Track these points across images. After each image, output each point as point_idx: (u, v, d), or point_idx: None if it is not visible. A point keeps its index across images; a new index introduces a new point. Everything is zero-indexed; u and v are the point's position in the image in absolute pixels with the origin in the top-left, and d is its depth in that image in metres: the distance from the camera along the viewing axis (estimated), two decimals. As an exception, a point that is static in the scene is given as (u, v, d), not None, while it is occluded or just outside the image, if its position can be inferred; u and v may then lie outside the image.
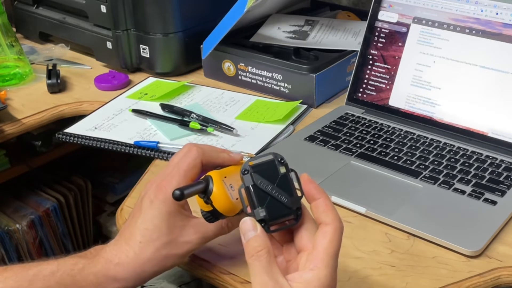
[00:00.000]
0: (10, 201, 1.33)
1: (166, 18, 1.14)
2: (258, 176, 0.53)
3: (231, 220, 0.64)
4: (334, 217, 0.53)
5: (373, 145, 0.91)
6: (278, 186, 0.53)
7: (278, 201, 0.52)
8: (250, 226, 0.52)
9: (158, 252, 0.62)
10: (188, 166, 0.62)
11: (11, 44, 1.18)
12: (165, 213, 0.62)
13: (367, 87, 1.01)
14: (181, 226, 0.62)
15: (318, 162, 0.88)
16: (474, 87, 0.92)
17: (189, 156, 0.63)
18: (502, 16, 0.90)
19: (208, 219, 0.61)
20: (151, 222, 0.62)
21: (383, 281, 0.67)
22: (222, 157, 0.64)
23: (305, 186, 0.54)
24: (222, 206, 0.59)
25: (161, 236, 0.62)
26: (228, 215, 0.60)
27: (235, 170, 0.62)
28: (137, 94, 1.11)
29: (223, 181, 0.59)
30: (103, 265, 0.62)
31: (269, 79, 1.09)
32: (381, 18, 1.00)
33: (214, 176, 0.60)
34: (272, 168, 0.54)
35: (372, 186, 0.83)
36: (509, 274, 0.68)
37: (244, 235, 0.52)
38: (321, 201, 0.53)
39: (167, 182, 0.62)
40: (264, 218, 0.52)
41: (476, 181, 0.82)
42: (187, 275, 1.23)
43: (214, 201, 0.59)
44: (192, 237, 0.63)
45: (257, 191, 0.53)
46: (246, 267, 0.69)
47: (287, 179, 0.54)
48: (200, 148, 0.63)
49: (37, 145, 1.29)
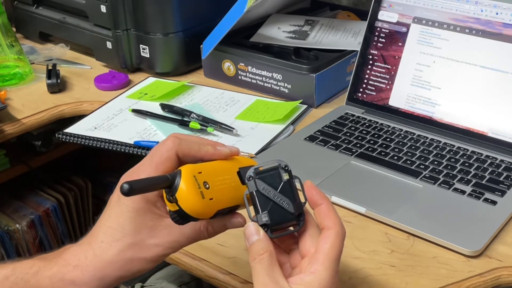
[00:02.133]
0: (10, 201, 1.33)
1: (166, 18, 1.14)
2: (262, 182, 0.54)
3: (211, 224, 0.57)
4: (336, 221, 0.53)
5: (373, 145, 0.91)
6: (281, 192, 0.54)
7: (280, 207, 0.54)
8: (253, 231, 0.53)
9: (122, 254, 0.55)
10: (160, 158, 0.56)
11: (11, 44, 1.18)
12: (131, 211, 0.55)
13: (367, 87, 1.01)
14: (151, 227, 0.55)
15: (318, 162, 0.88)
16: (474, 87, 0.92)
17: (163, 147, 0.56)
18: (502, 16, 0.90)
19: (175, 221, 0.54)
20: (115, 220, 0.55)
21: (383, 281, 0.67)
22: (204, 150, 0.57)
23: (308, 192, 0.55)
24: (189, 206, 0.52)
25: (126, 236, 0.55)
26: (199, 217, 0.53)
27: (218, 165, 0.56)
28: (137, 94, 1.11)
29: (195, 177, 0.52)
30: (60, 267, 0.55)
31: (269, 79, 1.09)
32: (381, 18, 1.00)
33: (185, 170, 0.52)
34: (276, 175, 0.55)
35: (372, 186, 0.83)
36: (509, 274, 0.68)
37: (248, 240, 0.53)
38: (324, 206, 0.54)
39: (136, 175, 0.55)
40: (266, 223, 0.53)
41: (476, 181, 0.82)
42: (187, 275, 1.23)
43: (180, 200, 0.52)
44: (163, 239, 0.56)
45: (260, 197, 0.54)
46: (246, 267, 0.70)
47: (290, 185, 0.55)
48: (177, 139, 0.57)
49: (37, 145, 1.29)
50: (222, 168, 0.56)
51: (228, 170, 0.57)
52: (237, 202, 0.56)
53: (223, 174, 0.56)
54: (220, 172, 0.55)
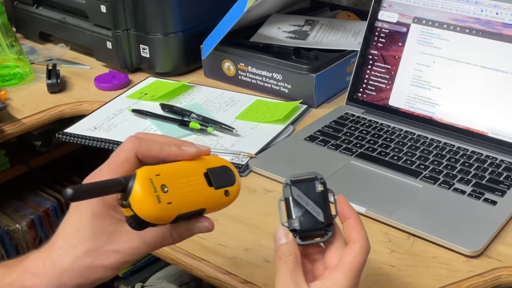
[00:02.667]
0: (10, 201, 1.33)
1: (166, 18, 1.14)
2: (297, 189, 0.56)
3: (175, 229, 0.54)
4: (362, 235, 0.54)
5: (373, 145, 0.91)
6: (314, 202, 0.56)
7: (311, 216, 0.55)
8: (283, 234, 0.54)
9: (79, 261, 0.52)
10: (118, 160, 0.53)
11: (11, 44, 1.18)
12: (89, 215, 0.52)
13: (367, 87, 1.01)
14: (110, 232, 0.52)
15: (318, 162, 0.88)
16: (474, 87, 0.92)
17: (121, 148, 0.53)
18: (502, 16, 0.90)
19: (132, 226, 0.50)
20: (73, 226, 0.53)
21: (383, 281, 0.67)
22: (167, 150, 0.53)
23: (339, 206, 0.56)
24: (144, 211, 0.48)
25: (83, 242, 0.52)
26: (156, 222, 0.50)
27: (182, 167, 0.53)
28: (137, 94, 1.11)
29: (151, 180, 0.49)
30: (19, 275, 0.53)
31: (269, 79, 1.09)
32: (381, 18, 1.00)
33: (141, 173, 0.49)
34: (311, 185, 0.56)
35: (372, 186, 0.83)
36: (509, 274, 0.68)
37: (276, 242, 0.54)
38: (352, 220, 0.55)
39: (94, 178, 0.53)
40: (296, 229, 0.55)
41: (476, 181, 0.82)
42: (187, 275, 1.23)
43: (133, 205, 0.48)
44: (123, 246, 0.53)
45: (294, 204, 0.55)
46: (246, 267, 0.70)
47: (323, 196, 0.56)
48: (137, 139, 0.54)
49: (37, 145, 1.29)
50: (187, 169, 0.53)
51: (193, 171, 0.54)
52: (203, 206, 0.54)
53: (187, 175, 0.53)
54: (183, 174, 0.52)
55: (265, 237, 0.74)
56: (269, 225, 0.77)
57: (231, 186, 0.56)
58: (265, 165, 0.87)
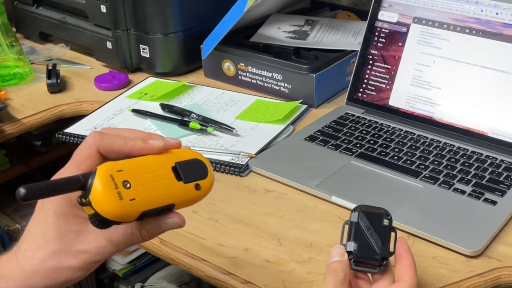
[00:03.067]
0: (10, 201, 1.33)
1: (166, 18, 1.14)
2: (364, 217, 0.59)
3: (144, 226, 0.52)
4: (412, 278, 0.56)
5: (373, 145, 0.91)
6: (376, 233, 0.59)
7: (370, 244, 0.58)
8: (338, 253, 0.57)
9: (45, 262, 0.51)
10: (81, 156, 0.51)
11: (11, 44, 1.18)
12: (53, 215, 0.51)
13: (367, 87, 1.01)
14: (76, 232, 0.51)
15: (318, 162, 0.88)
16: (474, 87, 0.92)
17: (83, 144, 0.52)
18: (502, 16, 0.90)
19: (95, 225, 0.48)
20: (38, 226, 0.51)
21: (383, 281, 0.67)
22: (131, 144, 0.51)
23: (399, 245, 0.58)
24: (105, 209, 0.47)
25: (49, 243, 0.51)
26: (119, 220, 0.48)
27: (147, 161, 0.51)
28: (137, 94, 1.11)
29: (112, 176, 0.47)
30: None
31: (269, 79, 1.09)
32: (381, 18, 1.00)
33: (101, 169, 0.47)
34: (378, 218, 0.60)
35: (372, 186, 0.83)
36: (509, 274, 0.68)
37: (331, 258, 0.57)
38: (407, 261, 0.57)
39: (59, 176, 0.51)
40: (352, 251, 0.58)
41: (476, 181, 0.82)
42: (187, 275, 1.23)
43: (94, 202, 0.47)
44: (90, 245, 0.51)
45: (357, 229, 0.59)
46: (246, 267, 0.70)
47: (386, 231, 0.59)
48: (99, 134, 0.52)
49: (37, 145, 1.29)
50: (153, 163, 0.51)
51: (160, 165, 0.51)
52: (171, 201, 0.51)
53: (153, 170, 0.50)
54: (148, 168, 0.50)
55: (265, 237, 0.75)
56: (269, 225, 0.77)
57: (203, 179, 0.54)
58: (265, 165, 0.87)
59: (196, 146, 0.93)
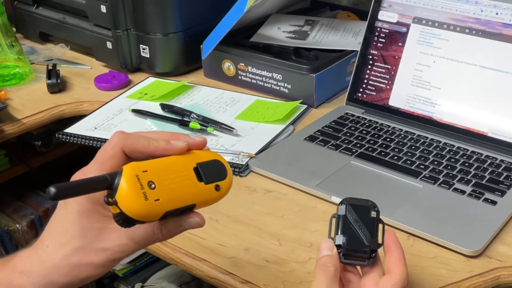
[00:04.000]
0: (10, 201, 1.33)
1: (166, 18, 1.14)
2: (352, 210, 0.58)
3: (165, 225, 0.54)
4: (402, 269, 0.55)
5: (373, 145, 0.91)
6: (364, 225, 0.58)
7: (358, 237, 0.57)
8: (327, 247, 0.56)
9: (67, 259, 0.52)
10: (104, 156, 0.52)
11: (11, 44, 1.18)
12: (76, 213, 0.51)
13: (367, 87, 1.01)
14: (98, 229, 0.52)
15: (318, 162, 0.88)
16: (474, 87, 0.92)
17: (107, 144, 0.52)
18: (502, 16, 0.90)
19: (119, 223, 0.50)
20: (61, 223, 0.52)
21: (383, 281, 0.67)
22: (154, 145, 0.52)
23: (387, 237, 0.57)
24: (130, 208, 0.48)
25: (72, 240, 0.51)
26: (143, 219, 0.49)
27: (170, 162, 0.52)
28: (137, 94, 1.11)
29: (137, 177, 0.48)
30: (7, 274, 0.53)
31: (269, 79, 1.09)
32: (381, 18, 1.00)
33: (127, 169, 0.48)
34: (366, 210, 0.59)
35: (372, 186, 0.83)
36: (509, 274, 0.68)
37: (320, 252, 0.56)
38: (396, 253, 0.56)
39: (81, 175, 0.52)
40: (341, 245, 0.57)
41: (476, 181, 0.82)
42: (187, 275, 1.23)
43: (120, 202, 0.48)
44: (111, 243, 0.52)
45: (345, 222, 0.58)
46: (246, 267, 0.70)
47: (374, 223, 0.58)
48: (123, 134, 0.52)
49: (37, 145, 1.29)
50: (176, 164, 0.52)
51: (182, 166, 0.52)
52: (192, 201, 0.53)
53: (176, 171, 0.52)
54: (172, 169, 0.51)
55: (265, 237, 0.75)
56: (269, 225, 0.77)
57: (222, 180, 0.55)
58: (265, 165, 0.87)
59: (196, 146, 0.93)
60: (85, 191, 0.48)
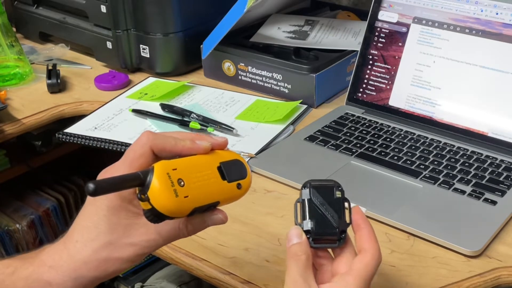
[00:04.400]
0: (10, 201, 1.33)
1: (166, 18, 1.14)
2: (316, 192, 0.56)
3: (190, 221, 0.56)
4: (374, 246, 0.55)
5: (373, 145, 0.91)
6: (331, 207, 0.56)
7: (326, 220, 0.55)
8: (295, 234, 0.55)
9: (96, 254, 0.53)
10: (134, 154, 0.54)
11: (11, 44, 1.18)
12: (106, 209, 0.53)
13: (367, 87, 1.01)
14: (126, 225, 0.54)
15: (318, 162, 0.88)
16: (474, 87, 0.92)
17: (137, 143, 0.54)
18: (502, 16, 0.90)
19: (149, 219, 0.52)
20: (90, 219, 0.54)
21: (383, 281, 0.67)
22: (181, 144, 0.55)
23: (354, 215, 0.57)
24: (162, 205, 0.50)
25: (100, 235, 0.53)
26: (173, 215, 0.52)
27: (196, 161, 0.54)
28: (137, 94, 1.11)
29: (168, 175, 0.50)
30: (36, 268, 0.54)
31: (269, 79, 1.09)
32: (381, 18, 1.00)
33: (158, 167, 0.51)
34: (330, 191, 0.57)
35: (372, 186, 0.83)
36: (509, 274, 0.68)
37: (289, 241, 0.55)
38: (366, 230, 0.56)
39: (110, 173, 0.54)
40: (310, 230, 0.55)
41: (476, 181, 0.82)
42: (187, 274, 1.23)
43: (152, 198, 0.50)
44: (139, 238, 0.54)
45: (311, 206, 0.56)
46: (246, 267, 0.70)
47: (340, 204, 0.57)
48: (152, 134, 0.55)
49: (37, 145, 1.29)
50: (201, 163, 0.55)
51: (207, 165, 0.55)
52: (217, 199, 0.55)
53: (202, 169, 0.54)
54: (198, 168, 0.54)
55: (265, 237, 0.75)
56: (269, 225, 0.77)
57: (243, 179, 0.58)
58: (265, 165, 0.87)
59: (196, 146, 0.93)
60: (120, 188, 0.50)
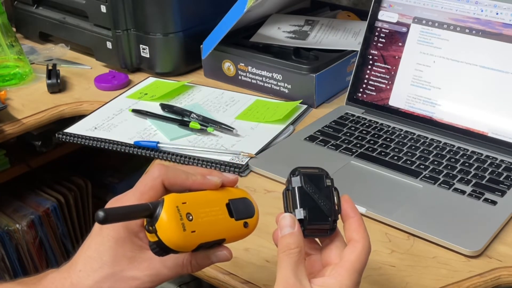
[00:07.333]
0: (10, 201, 1.33)
1: (166, 18, 1.14)
2: (307, 180, 0.54)
3: (195, 257, 0.55)
4: (364, 236, 0.54)
5: (373, 145, 0.91)
6: (322, 194, 0.54)
7: (319, 207, 0.54)
8: (289, 222, 0.53)
9: (98, 284, 0.53)
10: (145, 186, 0.54)
11: (11, 44, 1.18)
12: (111, 240, 0.53)
13: (367, 87, 1.01)
14: (130, 258, 0.53)
15: (318, 162, 0.87)
16: (474, 87, 0.92)
17: (148, 175, 0.55)
18: (502, 16, 0.90)
19: (155, 252, 0.52)
20: (95, 249, 0.53)
21: (383, 281, 0.67)
22: (192, 179, 0.55)
23: (344, 204, 0.55)
24: (169, 238, 0.50)
25: (104, 266, 0.53)
26: (178, 249, 0.51)
27: (206, 196, 0.54)
28: (137, 94, 1.11)
29: (178, 208, 0.50)
30: None
31: (269, 79, 1.09)
32: (381, 18, 1.00)
33: (168, 200, 0.50)
34: (320, 178, 0.55)
35: (372, 186, 0.83)
36: (509, 274, 0.68)
37: (281, 230, 0.53)
38: (355, 220, 0.55)
39: (119, 203, 0.53)
40: (303, 219, 0.53)
41: (476, 181, 0.82)
42: (187, 275, 1.23)
43: (159, 231, 0.50)
44: (142, 272, 0.54)
45: (302, 194, 0.54)
46: (246, 267, 0.70)
47: (330, 192, 0.55)
48: (164, 167, 0.55)
49: (37, 145, 1.29)
50: (210, 199, 0.54)
51: (216, 201, 0.55)
52: (223, 236, 0.55)
53: (210, 205, 0.54)
54: (207, 203, 0.54)
55: (265, 237, 0.74)
56: (269, 225, 0.76)
57: (251, 218, 0.57)
58: (265, 165, 0.87)
59: (196, 146, 0.93)
60: (129, 218, 0.50)
